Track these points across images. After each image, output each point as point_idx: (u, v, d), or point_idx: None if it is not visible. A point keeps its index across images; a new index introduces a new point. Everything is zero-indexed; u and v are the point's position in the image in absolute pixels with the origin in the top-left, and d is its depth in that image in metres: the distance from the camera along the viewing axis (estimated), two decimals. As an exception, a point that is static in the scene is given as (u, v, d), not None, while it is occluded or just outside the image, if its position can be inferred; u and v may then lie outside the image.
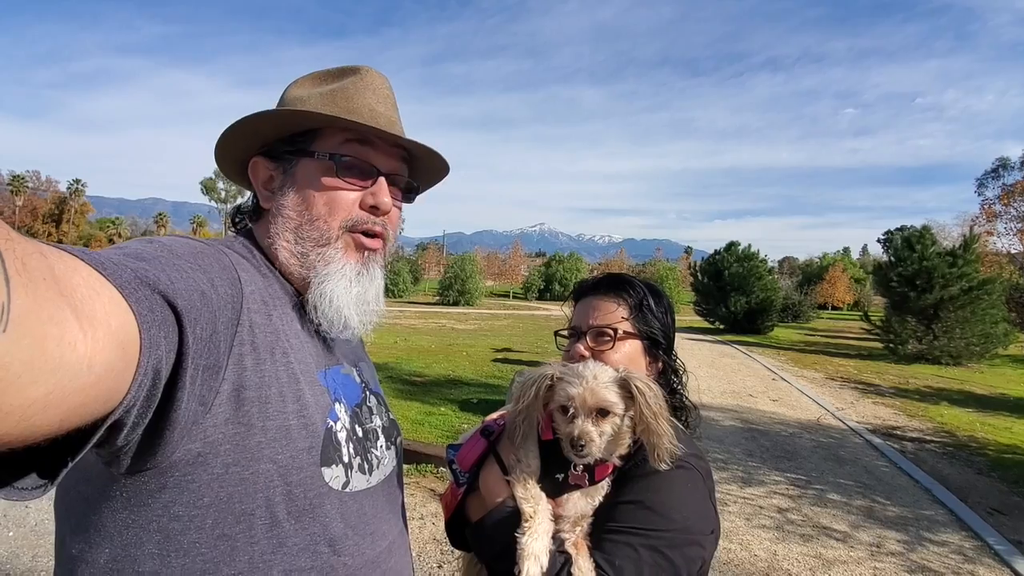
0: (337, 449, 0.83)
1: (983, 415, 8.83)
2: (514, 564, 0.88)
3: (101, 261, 0.50)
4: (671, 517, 0.94)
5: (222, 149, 0.94)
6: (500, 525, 0.94)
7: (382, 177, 0.92)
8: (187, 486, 0.69)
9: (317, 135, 0.90)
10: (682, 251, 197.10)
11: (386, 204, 0.92)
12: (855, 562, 3.84)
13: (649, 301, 1.14)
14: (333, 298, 0.87)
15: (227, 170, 0.99)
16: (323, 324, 0.88)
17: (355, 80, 0.94)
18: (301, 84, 0.96)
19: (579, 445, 0.91)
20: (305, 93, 0.93)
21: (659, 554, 0.90)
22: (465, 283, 35.94)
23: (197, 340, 0.61)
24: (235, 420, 0.71)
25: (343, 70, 0.96)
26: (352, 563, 0.82)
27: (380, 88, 0.95)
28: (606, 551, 0.92)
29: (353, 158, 0.90)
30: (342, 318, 0.88)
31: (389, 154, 0.94)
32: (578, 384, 0.93)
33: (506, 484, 0.98)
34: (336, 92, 0.92)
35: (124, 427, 0.53)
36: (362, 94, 0.92)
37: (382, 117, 0.92)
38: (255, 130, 0.91)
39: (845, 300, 57.30)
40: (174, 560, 0.70)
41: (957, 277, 15.37)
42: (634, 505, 0.96)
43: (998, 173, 31.99)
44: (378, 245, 0.95)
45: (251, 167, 0.94)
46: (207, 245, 0.77)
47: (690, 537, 0.94)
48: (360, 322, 0.91)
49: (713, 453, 6.10)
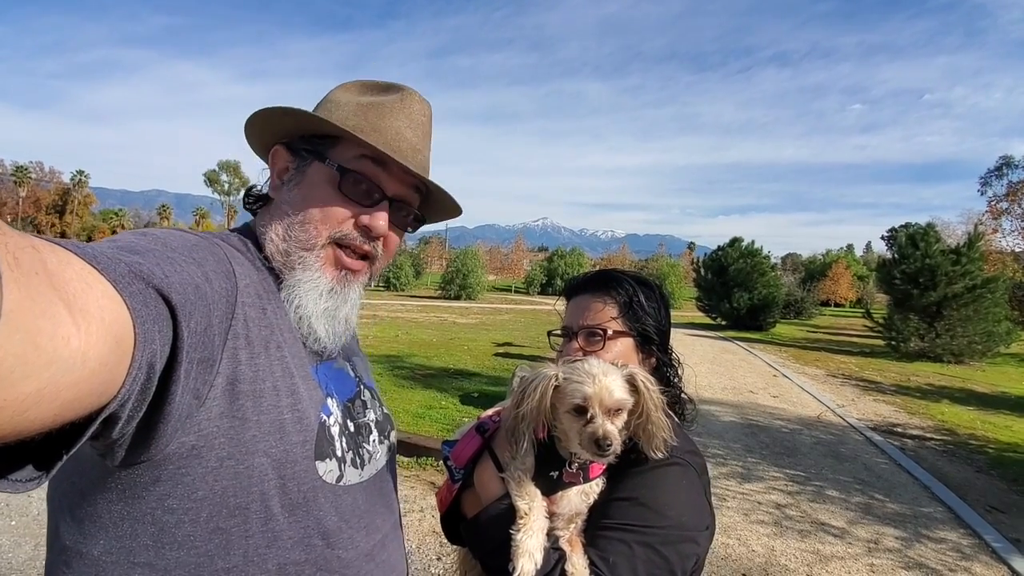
0: (330, 443, 0.83)
1: (984, 413, 8.82)
2: (508, 560, 0.88)
3: (95, 255, 0.50)
4: (665, 514, 0.94)
5: (251, 128, 0.95)
6: (495, 522, 0.95)
7: (385, 201, 0.91)
8: (181, 479, 0.69)
9: (336, 143, 0.90)
10: (685, 247, 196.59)
11: (380, 228, 0.90)
12: (852, 558, 3.85)
13: (639, 297, 1.13)
14: (300, 304, 0.86)
15: (255, 147, 1.00)
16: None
17: (395, 99, 0.93)
18: (348, 88, 0.97)
19: (605, 445, 0.90)
20: (345, 99, 0.94)
21: (653, 550, 0.90)
22: (467, 277, 35.89)
23: (192, 334, 0.61)
24: (229, 414, 0.72)
25: (390, 86, 0.97)
26: (346, 556, 0.83)
27: (416, 114, 0.95)
28: (600, 548, 0.92)
29: (361, 176, 0.89)
30: (308, 326, 0.86)
31: (402, 180, 0.93)
32: (591, 383, 0.92)
33: (501, 481, 0.98)
34: (372, 106, 0.92)
35: (119, 420, 0.53)
36: (395, 115, 0.92)
37: (407, 143, 0.92)
38: (280, 122, 0.92)
39: (848, 297, 57.15)
40: (168, 553, 0.70)
41: (960, 275, 15.32)
42: (628, 502, 0.96)
43: (1002, 171, 31.79)
44: (360, 267, 0.92)
45: (272, 153, 0.94)
46: (201, 238, 0.77)
47: (684, 533, 0.94)
48: (327, 334, 0.89)
49: (712, 449, 6.11)
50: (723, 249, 24.68)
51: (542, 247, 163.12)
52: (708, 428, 6.96)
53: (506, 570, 0.88)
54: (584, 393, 0.92)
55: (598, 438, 0.90)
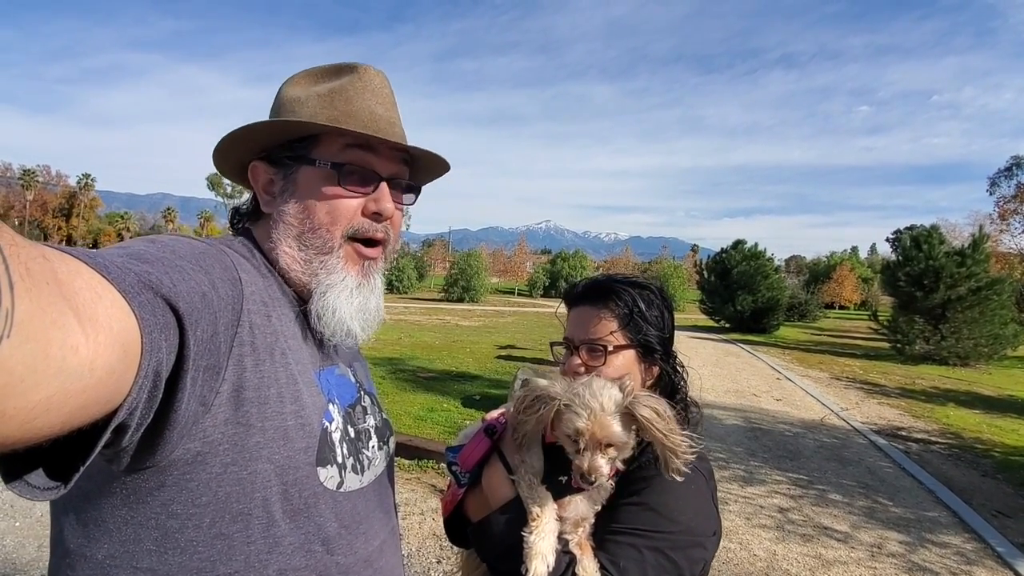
0: (332, 449, 0.84)
1: (990, 417, 8.76)
2: (519, 563, 0.88)
3: (104, 264, 0.51)
4: (675, 519, 0.95)
5: (221, 155, 0.94)
6: (505, 524, 0.95)
7: (384, 183, 0.92)
8: (186, 485, 0.70)
9: (317, 141, 0.90)
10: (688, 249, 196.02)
11: (388, 210, 0.91)
12: (855, 563, 3.84)
13: (640, 306, 1.11)
14: (336, 308, 0.88)
15: (227, 172, 0.99)
16: (326, 333, 0.89)
17: (353, 80, 0.92)
18: (296, 83, 0.94)
19: (588, 479, 0.93)
20: (302, 93, 0.92)
21: (663, 555, 0.91)
22: (470, 280, 35.87)
23: (198, 342, 0.62)
24: (234, 420, 0.72)
25: (339, 68, 0.94)
26: (345, 562, 0.84)
27: (380, 88, 0.94)
28: (610, 552, 0.92)
29: (354, 165, 0.89)
30: (344, 327, 0.89)
31: (390, 158, 0.93)
32: (585, 417, 0.92)
33: (511, 483, 0.99)
34: (335, 93, 0.90)
35: (128, 428, 0.54)
36: (361, 95, 0.91)
37: (382, 120, 0.92)
38: (254, 136, 0.91)
39: (852, 299, 56.82)
40: (171, 557, 0.71)
41: (965, 277, 15.20)
42: (638, 507, 0.96)
43: (1011, 172, 31.51)
44: (377, 253, 0.94)
45: (251, 171, 0.94)
46: (208, 245, 0.77)
47: (693, 539, 0.95)
48: (362, 330, 0.92)
49: (715, 452, 6.09)
50: (726, 251, 24.59)
51: (545, 249, 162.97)
52: (710, 431, 6.94)
53: (517, 572, 0.88)
54: (576, 427, 0.93)
55: (583, 472, 0.92)
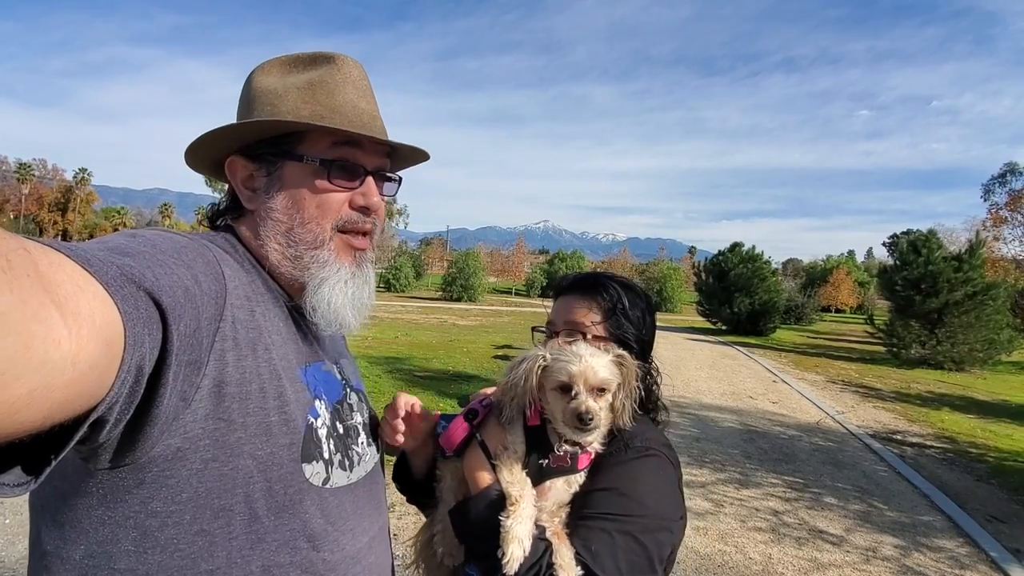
0: (317, 446, 0.83)
1: (984, 421, 8.80)
2: (496, 546, 0.89)
3: (87, 257, 0.50)
4: (644, 503, 0.97)
5: (196, 151, 0.91)
6: (484, 508, 0.96)
7: (370, 177, 0.92)
8: (165, 482, 0.69)
9: (303, 137, 0.89)
10: (686, 251, 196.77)
11: (375, 203, 0.93)
12: (849, 566, 3.84)
13: (624, 303, 1.14)
14: (331, 300, 0.89)
15: (198, 166, 0.97)
16: (321, 324, 0.90)
17: (332, 71, 0.91)
18: (269, 72, 0.92)
19: (587, 419, 0.94)
20: (279, 85, 0.90)
21: (633, 539, 0.94)
22: (468, 279, 35.96)
23: (180, 336, 0.60)
24: (215, 416, 0.71)
25: (314, 57, 0.93)
26: (331, 559, 0.82)
27: (359, 80, 0.94)
28: (582, 537, 0.94)
29: (344, 160, 0.89)
30: (339, 319, 0.90)
31: (374, 151, 0.94)
32: (578, 362, 0.96)
33: (491, 468, 1.00)
34: (315, 87, 0.89)
35: (107, 423, 0.53)
36: (342, 89, 0.90)
37: (366, 114, 0.92)
38: (236, 133, 0.89)
39: (848, 303, 57.10)
40: (151, 556, 0.70)
41: (962, 282, 15.29)
42: (608, 492, 0.99)
43: (1005, 178, 31.66)
44: (367, 244, 0.96)
45: (228, 165, 0.91)
46: (190, 240, 0.76)
47: (661, 523, 0.98)
48: (355, 319, 0.93)
49: (711, 454, 6.10)
50: (724, 254, 24.70)
51: (543, 249, 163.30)
52: (706, 433, 6.94)
53: (494, 555, 0.89)
54: (569, 371, 0.96)
55: (580, 413, 0.94)
